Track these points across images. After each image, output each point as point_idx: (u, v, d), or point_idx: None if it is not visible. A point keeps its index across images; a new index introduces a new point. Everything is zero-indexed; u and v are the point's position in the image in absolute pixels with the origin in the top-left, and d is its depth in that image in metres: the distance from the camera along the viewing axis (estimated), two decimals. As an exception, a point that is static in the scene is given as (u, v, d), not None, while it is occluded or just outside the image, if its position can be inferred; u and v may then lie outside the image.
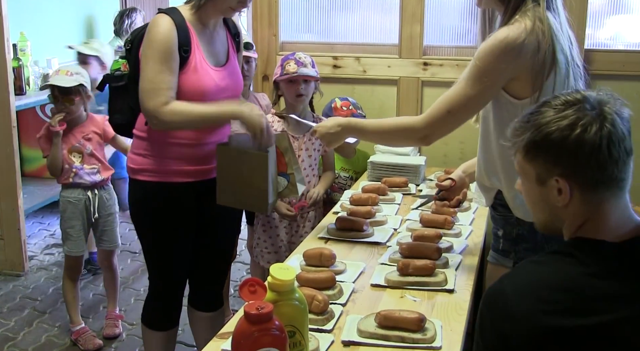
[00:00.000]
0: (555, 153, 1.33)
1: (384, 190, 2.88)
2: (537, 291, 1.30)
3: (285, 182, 2.49)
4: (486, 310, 1.35)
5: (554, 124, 1.33)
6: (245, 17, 3.78)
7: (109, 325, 3.47)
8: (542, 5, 1.90)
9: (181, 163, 2.42)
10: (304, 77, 2.94)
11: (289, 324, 1.46)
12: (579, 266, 1.31)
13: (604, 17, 3.55)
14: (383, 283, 2.03)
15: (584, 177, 1.32)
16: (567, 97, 1.36)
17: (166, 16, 2.29)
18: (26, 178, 4.71)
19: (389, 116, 3.66)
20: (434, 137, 2.03)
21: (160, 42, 2.26)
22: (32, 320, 3.61)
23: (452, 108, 1.94)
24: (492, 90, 1.91)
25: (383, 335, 1.71)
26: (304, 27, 3.94)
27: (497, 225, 2.07)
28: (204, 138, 2.43)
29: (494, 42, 1.87)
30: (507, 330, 1.29)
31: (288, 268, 1.51)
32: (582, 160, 1.31)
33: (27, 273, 4.21)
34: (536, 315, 1.26)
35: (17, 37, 4.80)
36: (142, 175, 2.44)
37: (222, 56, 2.45)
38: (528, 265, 1.40)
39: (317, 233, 2.48)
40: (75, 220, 3.33)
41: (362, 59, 3.70)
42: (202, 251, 2.61)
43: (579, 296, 1.27)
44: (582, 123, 1.30)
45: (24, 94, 4.60)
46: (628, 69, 3.37)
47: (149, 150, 2.42)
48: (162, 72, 2.25)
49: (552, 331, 1.25)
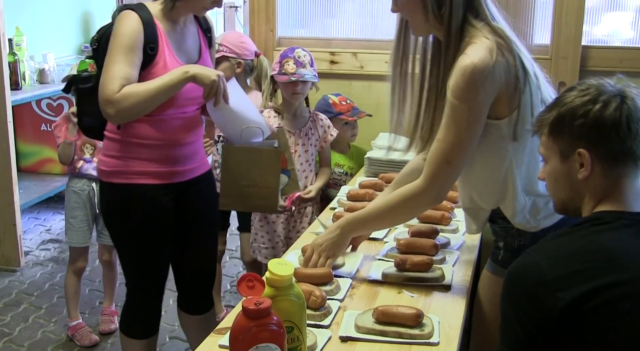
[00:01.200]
0: (579, 126, 1.43)
1: (381, 186, 2.87)
2: (567, 256, 1.37)
3: (286, 178, 2.46)
4: (515, 283, 1.41)
5: (577, 100, 1.43)
6: (242, 12, 3.78)
7: (104, 321, 3.47)
8: (488, 19, 1.83)
9: (156, 165, 2.34)
10: (302, 81, 2.94)
11: (287, 319, 1.46)
12: (606, 231, 1.40)
13: (601, 14, 3.55)
14: (380, 279, 2.03)
15: (605, 149, 1.42)
16: (590, 81, 1.47)
17: (133, 12, 2.22)
18: (22, 174, 4.70)
19: (385, 112, 3.65)
20: (444, 194, 1.93)
21: (123, 36, 2.19)
22: (28, 316, 3.61)
23: (451, 158, 1.84)
24: (480, 122, 1.82)
25: (380, 330, 1.71)
26: (301, 23, 3.93)
27: (498, 237, 2.04)
28: (180, 139, 2.36)
29: (462, 76, 1.76)
30: (541, 294, 1.34)
31: (286, 264, 1.51)
32: (604, 134, 1.41)
33: (23, 269, 4.20)
34: (570, 277, 1.33)
35: (13, 32, 4.78)
36: (114, 177, 2.35)
37: (194, 53, 2.38)
38: (553, 238, 1.46)
39: (314, 229, 2.47)
40: (78, 210, 3.33)
41: (359, 55, 3.69)
42: (185, 255, 2.55)
43: (609, 256, 1.35)
44: (603, 99, 1.42)
45: (20, 89, 4.59)
46: (625, 65, 3.37)
47: (122, 151, 2.33)
48: (119, 63, 2.17)
49: (587, 291, 1.30)
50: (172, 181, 2.38)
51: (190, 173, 2.43)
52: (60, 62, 5.13)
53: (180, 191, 2.41)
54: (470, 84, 1.76)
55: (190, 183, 2.44)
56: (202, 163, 2.50)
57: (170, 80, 2.21)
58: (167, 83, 2.20)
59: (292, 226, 3.04)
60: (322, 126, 3.08)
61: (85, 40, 5.79)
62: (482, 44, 1.78)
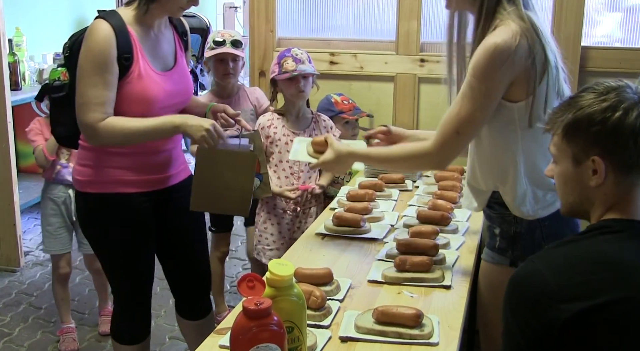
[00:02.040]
0: (595, 132, 1.38)
1: (381, 186, 2.88)
2: (572, 266, 1.33)
3: (259, 182, 2.43)
4: (518, 291, 1.37)
5: (596, 105, 1.38)
6: (241, 12, 3.77)
7: (103, 322, 3.46)
8: (519, 6, 1.86)
9: (133, 174, 2.30)
10: (303, 75, 2.95)
11: (287, 320, 1.46)
12: (613, 241, 1.36)
13: (600, 15, 3.56)
14: (380, 280, 2.04)
15: (621, 158, 1.38)
16: (608, 83, 1.42)
17: (104, 22, 2.15)
18: (22, 174, 4.70)
19: (385, 112, 3.67)
20: (448, 161, 1.99)
21: (95, 52, 2.13)
22: (28, 316, 3.61)
23: (461, 129, 1.89)
24: (495, 101, 1.87)
25: (380, 331, 1.71)
26: (301, 23, 3.93)
27: (494, 223, 2.06)
28: (159, 146, 2.32)
29: (484, 54, 1.81)
30: (544, 304, 1.30)
31: (286, 264, 1.51)
32: (621, 142, 1.36)
33: (23, 269, 4.21)
34: (575, 288, 1.29)
35: (13, 32, 4.79)
36: (91, 187, 2.30)
37: (170, 59, 2.34)
38: (558, 246, 1.42)
39: (314, 230, 2.48)
40: (54, 218, 3.30)
41: (359, 55, 3.70)
42: (175, 262, 2.53)
43: (615, 268, 1.31)
44: (624, 106, 1.37)
45: (20, 89, 4.61)
46: (624, 66, 3.37)
47: (98, 160, 2.28)
48: (95, 86, 2.13)
49: (592, 306, 1.27)
50: (152, 189, 2.35)
51: (170, 180, 2.40)
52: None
53: (161, 198, 2.38)
54: (490, 63, 1.81)
55: (171, 190, 2.41)
56: (183, 169, 2.48)
57: (159, 128, 2.21)
58: (155, 130, 2.21)
59: (297, 226, 3.05)
60: (325, 126, 3.09)
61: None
62: (508, 27, 1.83)
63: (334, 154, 2.19)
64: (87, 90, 2.14)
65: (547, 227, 1.95)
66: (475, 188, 2.07)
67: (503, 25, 1.84)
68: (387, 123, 2.33)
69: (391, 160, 2.14)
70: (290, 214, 3.04)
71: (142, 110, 2.22)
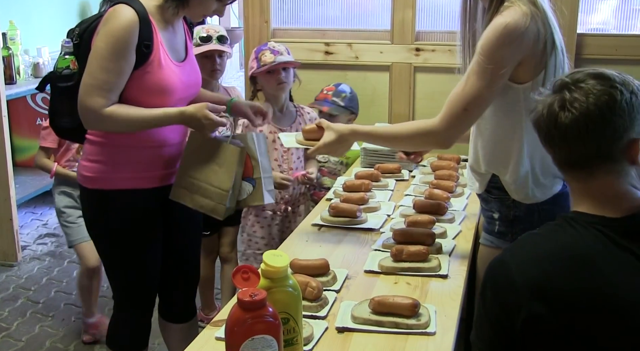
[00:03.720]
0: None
1: (377, 176, 2.87)
2: (538, 261, 1.33)
3: (251, 187, 2.26)
4: (489, 281, 1.38)
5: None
6: (236, 3, 3.75)
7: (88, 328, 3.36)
8: None
9: (146, 169, 2.23)
10: (283, 65, 2.89)
11: (282, 311, 1.45)
12: (578, 236, 1.34)
13: (596, 2, 3.54)
14: (377, 269, 2.03)
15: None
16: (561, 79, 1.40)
17: (128, 7, 2.06)
18: (18, 168, 4.69)
19: (381, 102, 3.66)
20: (454, 138, 1.98)
21: (117, 37, 2.04)
22: (26, 310, 3.60)
23: (468, 106, 1.89)
24: (502, 80, 1.87)
25: (377, 321, 1.71)
26: (295, 14, 3.91)
27: (492, 208, 2.07)
28: (167, 140, 2.24)
29: (494, 32, 1.82)
30: (510, 300, 1.31)
31: (281, 255, 1.50)
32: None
33: (20, 263, 4.20)
34: (538, 283, 1.29)
35: (7, 26, 4.77)
36: (100, 184, 2.20)
37: (182, 51, 2.28)
38: (529, 237, 1.42)
39: (311, 220, 2.47)
40: (71, 209, 3.23)
41: (354, 45, 3.68)
42: (168, 261, 2.42)
43: (581, 263, 1.30)
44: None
45: (15, 83, 4.59)
46: (620, 53, 3.36)
47: (108, 155, 2.19)
48: (108, 72, 2.05)
49: (553, 299, 1.27)
50: (161, 185, 2.27)
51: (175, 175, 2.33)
52: (55, 55, 5.09)
53: (167, 194, 2.28)
54: (499, 41, 1.82)
55: None
56: None
57: (163, 115, 2.14)
58: (159, 117, 2.13)
59: (287, 226, 3.00)
60: (310, 119, 3.03)
61: (79, 34, 5.76)
62: (519, 8, 1.84)
63: (335, 134, 2.15)
64: (99, 73, 2.05)
65: (545, 210, 1.96)
66: (476, 171, 2.08)
67: (512, 7, 1.85)
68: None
69: (395, 138, 2.11)
70: (280, 214, 2.99)
71: (160, 101, 2.16)
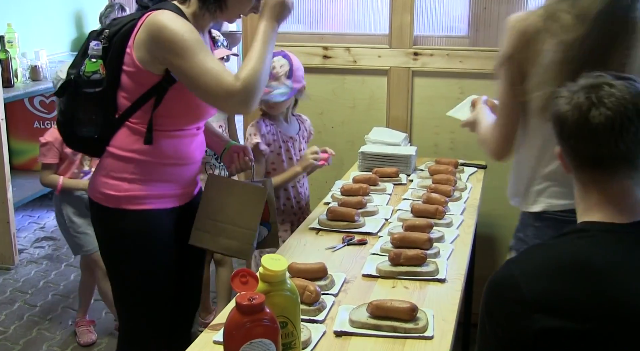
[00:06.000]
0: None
1: (375, 180, 2.87)
2: (547, 272, 1.30)
3: (266, 231, 2.21)
4: (493, 295, 1.35)
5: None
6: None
7: (83, 332, 3.37)
8: None
9: (174, 187, 2.12)
10: None
11: (281, 315, 1.46)
12: (589, 245, 1.32)
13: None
14: (375, 273, 2.03)
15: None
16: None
17: (173, 13, 1.95)
18: (15, 171, 4.69)
19: (379, 106, 3.66)
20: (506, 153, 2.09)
21: (189, 31, 1.92)
22: (23, 314, 3.60)
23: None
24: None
25: (375, 324, 1.71)
26: (293, 18, 3.91)
27: None
28: (193, 157, 2.15)
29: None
30: (517, 312, 1.28)
31: (279, 259, 1.50)
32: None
33: (17, 267, 4.20)
34: (547, 294, 1.27)
35: (5, 29, 4.77)
36: (129, 204, 2.04)
37: None
38: (534, 249, 1.41)
39: (308, 224, 2.47)
40: (79, 218, 3.16)
41: (352, 49, 3.68)
42: (178, 286, 2.24)
43: (594, 272, 1.28)
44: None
45: (12, 86, 4.59)
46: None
47: (140, 173, 2.05)
48: (212, 59, 1.94)
49: (568, 312, 1.25)
50: (184, 202, 2.18)
51: (192, 194, 2.24)
52: (53, 59, 5.11)
53: (184, 212, 2.18)
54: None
55: (188, 206, 2.21)
56: (198, 183, 2.31)
57: (269, 40, 2.15)
58: (269, 41, 2.14)
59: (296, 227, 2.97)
60: (307, 127, 2.99)
61: (78, 37, 5.77)
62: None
63: (473, 117, 2.35)
64: (206, 62, 1.91)
65: (538, 229, 1.98)
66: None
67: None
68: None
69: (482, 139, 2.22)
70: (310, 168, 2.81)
71: (196, 115, 2.09)
